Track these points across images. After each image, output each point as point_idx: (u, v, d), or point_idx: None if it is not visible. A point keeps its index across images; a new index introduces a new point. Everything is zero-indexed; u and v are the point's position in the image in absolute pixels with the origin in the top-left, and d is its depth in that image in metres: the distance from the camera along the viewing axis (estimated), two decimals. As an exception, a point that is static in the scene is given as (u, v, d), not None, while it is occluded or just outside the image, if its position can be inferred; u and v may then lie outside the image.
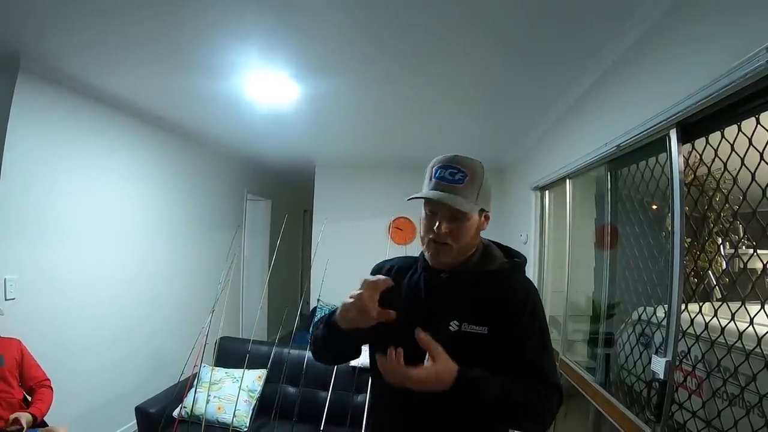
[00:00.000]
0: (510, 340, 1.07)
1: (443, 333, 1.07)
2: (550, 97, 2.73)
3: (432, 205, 1.09)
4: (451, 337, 1.06)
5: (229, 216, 5.01)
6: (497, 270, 1.14)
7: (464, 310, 1.09)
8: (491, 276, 1.13)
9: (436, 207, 1.08)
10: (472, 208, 1.07)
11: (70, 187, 2.82)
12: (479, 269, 1.14)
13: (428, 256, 1.13)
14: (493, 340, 1.06)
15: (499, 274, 1.13)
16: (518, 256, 1.20)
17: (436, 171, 1.09)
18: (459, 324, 1.07)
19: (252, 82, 2.68)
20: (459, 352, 1.03)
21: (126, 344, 3.34)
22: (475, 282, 1.12)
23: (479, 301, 1.10)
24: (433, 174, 1.09)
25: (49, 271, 2.67)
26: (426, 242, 1.12)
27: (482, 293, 1.11)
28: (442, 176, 1.07)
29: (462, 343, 1.06)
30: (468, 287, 1.12)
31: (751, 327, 1.38)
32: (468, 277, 1.13)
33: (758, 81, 1.15)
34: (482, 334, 1.06)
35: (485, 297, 1.10)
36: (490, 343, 1.06)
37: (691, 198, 1.62)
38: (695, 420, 1.58)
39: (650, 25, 1.74)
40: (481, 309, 1.08)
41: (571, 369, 2.52)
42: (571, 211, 2.78)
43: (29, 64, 2.41)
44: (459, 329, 1.07)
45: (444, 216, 1.07)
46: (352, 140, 4.23)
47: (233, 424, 2.69)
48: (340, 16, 1.90)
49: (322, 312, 4.83)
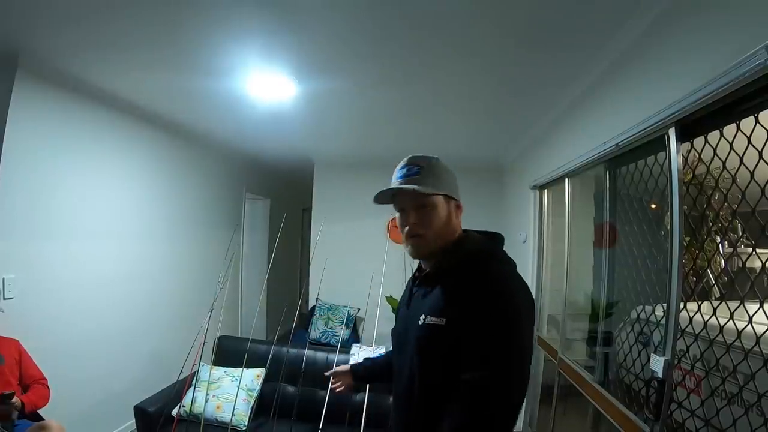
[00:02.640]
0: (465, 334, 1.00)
1: (416, 327, 1.11)
2: (549, 96, 2.73)
3: (399, 202, 1.18)
4: (418, 330, 1.09)
5: (228, 215, 5.00)
6: (464, 259, 1.12)
7: (430, 304, 1.11)
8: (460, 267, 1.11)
9: (402, 202, 1.17)
10: (431, 190, 1.12)
11: (69, 185, 2.81)
12: (448, 260, 1.15)
13: (409, 253, 1.18)
14: (449, 331, 1.02)
15: (466, 263, 1.11)
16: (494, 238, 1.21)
17: (397, 173, 1.18)
18: (425, 317, 1.09)
19: (251, 82, 2.67)
20: (421, 344, 1.08)
21: (125, 343, 3.34)
22: (447, 274, 1.13)
23: (442, 293, 1.10)
24: (395, 177, 1.18)
25: (47, 270, 2.67)
26: (404, 241, 1.18)
27: (447, 286, 1.11)
28: (401, 175, 1.17)
29: (424, 335, 1.08)
30: (440, 281, 1.13)
31: (749, 326, 1.39)
32: (440, 271, 1.16)
33: (757, 80, 1.15)
34: (440, 326, 1.05)
35: (448, 289, 1.10)
36: (446, 335, 1.03)
37: (690, 197, 1.62)
38: (694, 419, 1.59)
39: (649, 24, 1.74)
40: (442, 301, 1.08)
41: (570, 368, 2.53)
42: (570, 210, 2.78)
43: (28, 63, 2.40)
44: (424, 322, 1.09)
45: (410, 208, 1.15)
46: (352, 139, 4.23)
47: (232, 423, 2.68)
48: (339, 16, 1.90)
49: (320, 311, 4.84)
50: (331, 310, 4.84)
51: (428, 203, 1.12)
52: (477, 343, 0.97)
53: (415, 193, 1.11)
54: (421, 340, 1.08)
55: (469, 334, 0.98)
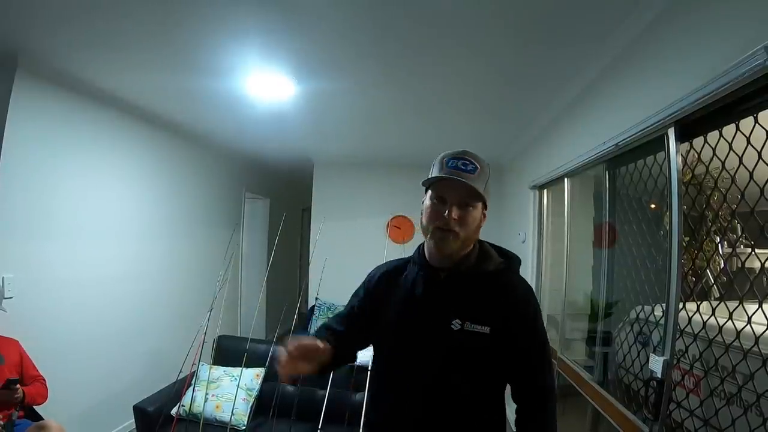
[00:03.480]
0: (510, 342, 1.09)
1: (444, 332, 1.09)
2: (549, 96, 2.73)
3: (442, 192, 1.10)
4: (454, 336, 1.08)
5: (228, 214, 5.00)
6: (495, 270, 1.15)
7: (466, 309, 1.10)
8: (490, 276, 1.14)
9: (447, 193, 1.09)
10: (484, 196, 1.10)
11: (68, 185, 2.81)
12: (477, 268, 1.14)
13: (433, 245, 1.13)
14: (494, 340, 1.07)
15: (497, 274, 1.15)
16: (512, 256, 1.22)
17: (449, 161, 1.10)
18: (461, 323, 1.08)
19: (251, 81, 2.67)
20: (462, 350, 1.08)
21: (124, 342, 3.34)
22: (474, 281, 1.13)
23: (481, 300, 1.11)
24: (445, 164, 1.11)
25: (46, 270, 2.66)
26: (431, 231, 1.11)
27: (481, 293, 1.12)
28: (456, 166, 1.09)
29: (464, 342, 1.07)
30: (468, 286, 1.13)
31: (748, 326, 1.39)
32: (467, 276, 1.14)
33: (756, 80, 1.15)
34: (484, 334, 1.07)
35: (485, 297, 1.11)
36: (491, 343, 1.07)
37: (689, 197, 1.62)
38: (693, 419, 1.59)
39: (649, 23, 1.74)
40: (484, 309, 1.10)
41: (569, 368, 2.53)
42: (570, 209, 2.78)
43: (27, 62, 2.39)
44: (462, 328, 1.08)
45: (454, 202, 1.08)
46: (351, 139, 4.22)
47: (231, 423, 2.68)
48: (339, 15, 1.90)
49: (320, 310, 4.84)
50: (330, 310, 4.84)
51: (473, 204, 1.10)
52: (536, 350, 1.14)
53: (467, 191, 1.08)
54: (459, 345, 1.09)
55: (524, 343, 1.12)
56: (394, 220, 5.17)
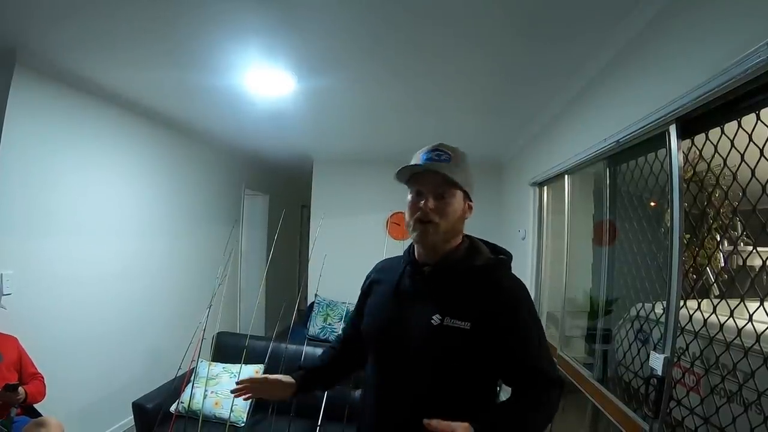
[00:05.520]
0: (495, 337, 1.06)
1: (424, 327, 1.08)
2: (549, 93, 2.72)
3: (418, 185, 1.12)
4: (433, 331, 1.07)
5: (227, 211, 4.99)
6: (483, 265, 1.13)
7: (448, 305, 1.09)
8: (476, 271, 1.12)
9: (423, 185, 1.11)
10: (459, 182, 1.09)
11: (68, 182, 2.80)
12: (464, 264, 1.14)
13: (415, 238, 1.14)
14: (474, 335, 1.05)
15: (484, 269, 1.13)
16: (504, 252, 1.20)
17: (423, 155, 1.13)
18: (441, 318, 1.07)
19: (251, 78, 2.66)
20: (440, 346, 1.06)
21: (123, 339, 3.34)
22: (459, 277, 1.12)
23: (463, 295, 1.09)
24: (420, 158, 1.13)
25: (45, 267, 2.66)
26: (412, 225, 1.13)
27: (466, 288, 1.10)
28: (429, 157, 1.12)
29: (443, 337, 1.06)
30: (452, 281, 1.12)
31: (749, 324, 1.38)
32: (452, 272, 1.13)
33: (759, 77, 1.14)
34: (464, 329, 1.05)
35: (469, 292, 1.10)
36: (471, 339, 1.05)
37: (690, 194, 1.62)
38: (693, 417, 1.59)
39: (650, 20, 1.73)
40: (465, 304, 1.08)
41: (568, 365, 2.53)
42: (570, 207, 2.77)
43: (26, 58, 2.38)
44: (441, 323, 1.06)
45: (430, 192, 1.10)
46: (351, 136, 4.22)
47: (230, 420, 2.68)
48: (339, 11, 1.88)
49: (319, 307, 4.84)
50: (329, 307, 4.84)
51: (449, 193, 1.10)
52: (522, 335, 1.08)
53: (441, 180, 1.08)
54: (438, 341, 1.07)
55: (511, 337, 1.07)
56: (393, 216, 5.16)
